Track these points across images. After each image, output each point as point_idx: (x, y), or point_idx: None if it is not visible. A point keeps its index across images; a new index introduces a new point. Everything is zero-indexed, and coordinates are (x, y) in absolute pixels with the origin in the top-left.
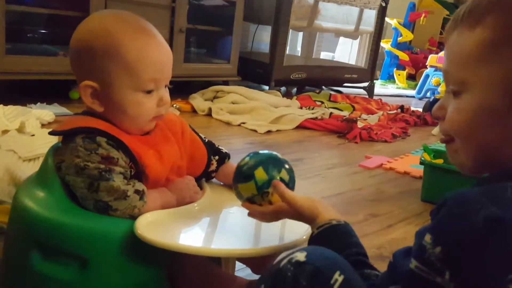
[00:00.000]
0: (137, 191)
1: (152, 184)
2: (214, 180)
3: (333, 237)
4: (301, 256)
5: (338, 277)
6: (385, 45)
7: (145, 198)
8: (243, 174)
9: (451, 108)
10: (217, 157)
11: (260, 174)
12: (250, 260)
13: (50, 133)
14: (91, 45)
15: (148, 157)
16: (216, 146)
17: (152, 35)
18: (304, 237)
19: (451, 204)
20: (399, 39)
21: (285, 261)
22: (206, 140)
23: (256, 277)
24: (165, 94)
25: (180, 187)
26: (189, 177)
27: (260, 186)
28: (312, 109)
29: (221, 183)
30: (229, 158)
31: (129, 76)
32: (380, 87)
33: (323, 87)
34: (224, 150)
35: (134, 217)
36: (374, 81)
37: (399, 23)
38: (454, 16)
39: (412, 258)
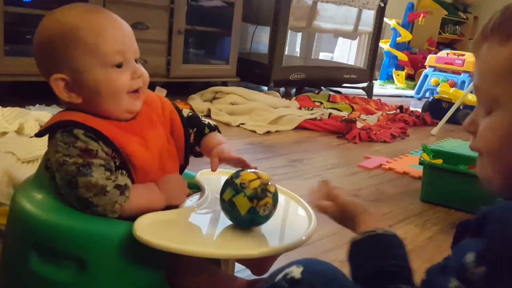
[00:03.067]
0: (117, 186)
1: (143, 173)
2: (213, 180)
3: (374, 246)
4: (296, 272)
5: None
6: (384, 45)
7: (127, 193)
8: (227, 206)
9: (483, 125)
10: (195, 129)
11: (227, 194)
12: (250, 262)
13: (36, 135)
14: (49, 39)
15: (131, 145)
16: (201, 119)
17: (106, 13)
18: (304, 237)
19: (495, 221)
20: (398, 39)
21: (280, 276)
22: (190, 114)
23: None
24: (139, 67)
25: (169, 186)
26: (178, 175)
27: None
28: (311, 109)
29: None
30: (211, 129)
31: (93, 55)
32: (379, 88)
33: (322, 87)
34: (208, 121)
35: (115, 212)
36: (373, 81)
37: (397, 23)
38: (483, 29)
39: (450, 277)
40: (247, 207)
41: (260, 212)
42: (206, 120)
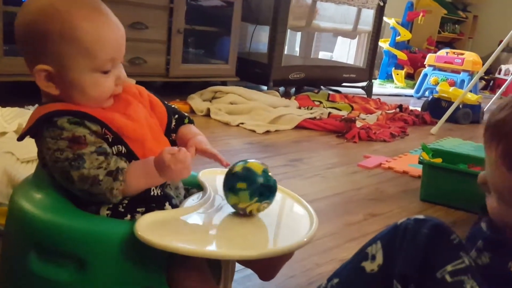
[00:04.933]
0: (109, 173)
1: (139, 144)
2: (215, 179)
3: None
4: (419, 216)
5: (456, 237)
6: (383, 44)
7: (120, 177)
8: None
9: (489, 205)
10: (176, 116)
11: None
12: (254, 265)
13: (19, 139)
14: (45, 28)
15: (118, 119)
16: (178, 110)
17: (106, 14)
18: (305, 239)
19: None
20: (397, 38)
21: (403, 219)
22: (168, 104)
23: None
24: (122, 71)
25: (163, 162)
26: (182, 149)
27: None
28: (311, 109)
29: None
30: (190, 120)
31: (87, 58)
32: (379, 87)
33: (322, 87)
34: (186, 114)
35: (116, 197)
36: (373, 80)
37: (397, 22)
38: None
39: None
40: (261, 168)
41: (269, 174)
42: (185, 113)
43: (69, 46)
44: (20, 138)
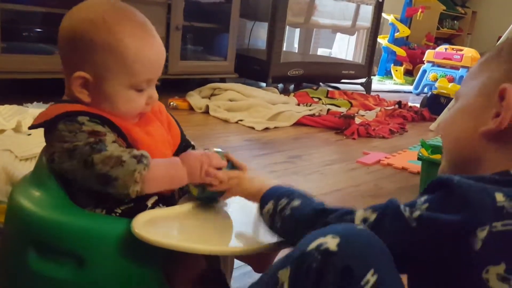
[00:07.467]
0: (134, 156)
1: None
2: None
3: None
4: (332, 244)
5: (370, 277)
6: (382, 40)
7: (145, 161)
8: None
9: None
10: (183, 144)
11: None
12: (251, 259)
13: (30, 128)
14: (91, 37)
15: (135, 132)
16: (186, 138)
17: (150, 33)
18: None
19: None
20: (396, 34)
21: (313, 245)
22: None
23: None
24: (154, 92)
25: (191, 160)
26: (211, 153)
27: None
28: (310, 105)
29: None
30: (193, 148)
31: (126, 74)
32: (378, 83)
33: (321, 83)
34: (192, 143)
35: (136, 183)
36: (372, 77)
37: (396, 18)
38: None
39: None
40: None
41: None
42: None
43: (111, 59)
44: (32, 128)
